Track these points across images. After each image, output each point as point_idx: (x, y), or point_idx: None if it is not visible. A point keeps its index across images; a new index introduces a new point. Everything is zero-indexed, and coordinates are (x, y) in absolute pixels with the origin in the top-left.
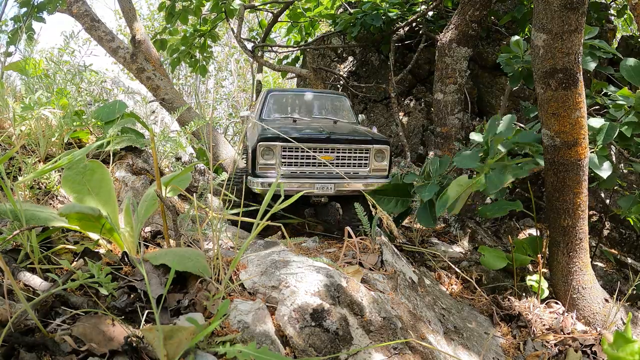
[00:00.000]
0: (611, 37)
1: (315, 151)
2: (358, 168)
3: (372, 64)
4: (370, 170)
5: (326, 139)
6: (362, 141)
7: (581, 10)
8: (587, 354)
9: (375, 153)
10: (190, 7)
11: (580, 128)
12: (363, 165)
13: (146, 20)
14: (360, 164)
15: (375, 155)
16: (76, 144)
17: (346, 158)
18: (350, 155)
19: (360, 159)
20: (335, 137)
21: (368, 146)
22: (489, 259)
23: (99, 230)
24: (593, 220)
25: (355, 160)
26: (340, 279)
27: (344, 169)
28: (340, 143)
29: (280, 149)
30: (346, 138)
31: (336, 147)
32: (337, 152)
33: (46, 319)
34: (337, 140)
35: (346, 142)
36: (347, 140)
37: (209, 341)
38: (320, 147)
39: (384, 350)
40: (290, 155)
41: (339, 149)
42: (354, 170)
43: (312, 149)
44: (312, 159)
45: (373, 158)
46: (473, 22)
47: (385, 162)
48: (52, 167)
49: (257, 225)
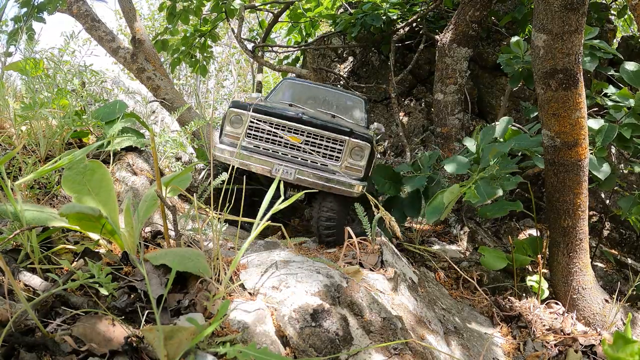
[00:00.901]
0: (611, 38)
1: (284, 129)
2: (328, 160)
3: (372, 64)
4: (342, 166)
5: (297, 119)
6: (337, 130)
7: (581, 11)
8: (587, 354)
9: (351, 148)
10: (191, 7)
11: (580, 128)
12: (334, 159)
13: (147, 20)
14: (332, 156)
15: (351, 151)
16: (76, 144)
17: (316, 145)
18: (322, 143)
19: (332, 151)
20: (307, 118)
21: (343, 137)
22: (489, 259)
23: (99, 231)
24: (593, 220)
25: (327, 151)
26: (341, 279)
27: (311, 157)
28: (312, 126)
29: (249, 118)
30: (319, 122)
31: (306, 130)
32: (306, 136)
33: (46, 319)
34: (309, 122)
35: (318, 126)
36: (319, 125)
37: (209, 341)
38: (290, 127)
39: (384, 350)
40: (258, 128)
41: (310, 133)
42: (322, 161)
43: (280, 127)
44: (281, 139)
45: (348, 153)
46: (473, 22)
47: (362, 162)
48: (52, 167)
49: (257, 225)
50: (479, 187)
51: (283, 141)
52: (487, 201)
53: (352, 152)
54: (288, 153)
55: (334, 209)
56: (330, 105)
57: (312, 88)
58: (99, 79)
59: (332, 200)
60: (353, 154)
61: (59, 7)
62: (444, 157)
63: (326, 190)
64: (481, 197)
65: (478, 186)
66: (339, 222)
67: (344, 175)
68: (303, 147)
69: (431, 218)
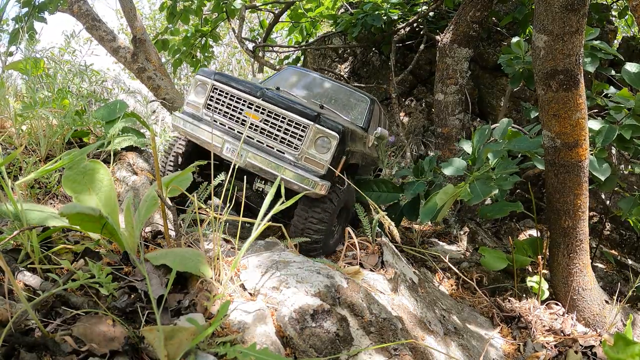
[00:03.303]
0: (612, 38)
1: (245, 104)
2: (286, 147)
3: (372, 64)
4: (301, 157)
5: (258, 94)
6: (299, 112)
7: (582, 12)
8: (587, 355)
9: (315, 137)
10: (192, 7)
11: (580, 129)
12: (293, 147)
13: (148, 19)
14: (290, 143)
15: (315, 140)
16: (77, 143)
17: (275, 127)
18: (281, 126)
19: (291, 136)
20: (269, 96)
21: (305, 122)
22: (490, 259)
23: (99, 230)
24: (593, 221)
25: (286, 135)
26: (341, 279)
27: (267, 141)
28: (271, 103)
29: (211, 87)
30: (281, 101)
31: (267, 108)
32: (266, 115)
33: (46, 319)
34: (270, 99)
35: (280, 105)
36: (281, 104)
37: (209, 342)
38: (252, 103)
39: (384, 351)
40: (219, 100)
41: (270, 112)
42: (279, 147)
43: (242, 101)
44: (240, 115)
45: (311, 142)
46: (474, 23)
47: (327, 156)
48: (52, 167)
49: (257, 226)
50: (473, 186)
51: (242, 118)
52: (482, 199)
53: (316, 142)
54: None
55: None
56: (327, 97)
57: (311, 78)
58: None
59: (305, 203)
60: (316, 145)
61: (59, 7)
62: (445, 157)
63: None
64: (476, 196)
65: (473, 185)
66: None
67: (302, 168)
68: (261, 127)
69: (425, 218)
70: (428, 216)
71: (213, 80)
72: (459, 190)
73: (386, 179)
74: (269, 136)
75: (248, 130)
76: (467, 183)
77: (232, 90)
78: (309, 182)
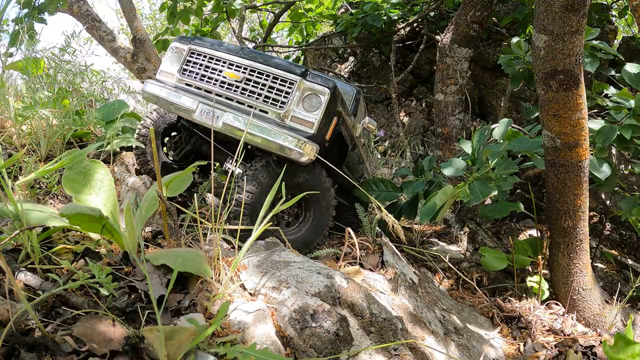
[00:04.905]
0: (612, 38)
1: (225, 65)
2: (270, 106)
3: (373, 64)
4: (288, 115)
5: (238, 52)
6: (285, 67)
7: (582, 12)
8: (587, 355)
9: (304, 94)
10: (192, 8)
11: (581, 129)
12: (278, 105)
13: (148, 19)
14: (275, 100)
15: (303, 98)
16: (77, 143)
17: (258, 86)
18: (265, 84)
19: (276, 93)
20: (249, 53)
21: (293, 77)
22: (490, 260)
23: (99, 231)
24: (594, 221)
25: (270, 93)
26: (341, 279)
27: (249, 101)
28: (254, 60)
29: (188, 52)
30: (263, 57)
31: (249, 66)
32: (248, 73)
33: (47, 319)
34: (251, 56)
35: (262, 62)
36: (263, 60)
37: (209, 342)
38: (232, 62)
39: (384, 351)
40: (195, 64)
41: (253, 70)
42: (262, 107)
43: (221, 61)
44: (219, 76)
45: (299, 100)
46: (474, 23)
47: (316, 114)
48: (53, 167)
49: (257, 226)
50: (473, 187)
51: (220, 80)
52: (481, 200)
53: (304, 100)
54: (223, 94)
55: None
56: None
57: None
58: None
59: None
60: (304, 102)
61: (59, 7)
62: (445, 157)
63: (260, 146)
64: (475, 196)
65: (472, 186)
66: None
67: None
68: (243, 86)
69: (424, 218)
70: (427, 216)
71: (191, 45)
72: (459, 190)
73: (385, 179)
74: (250, 96)
75: (227, 91)
76: (467, 184)
77: (211, 52)
78: (295, 142)
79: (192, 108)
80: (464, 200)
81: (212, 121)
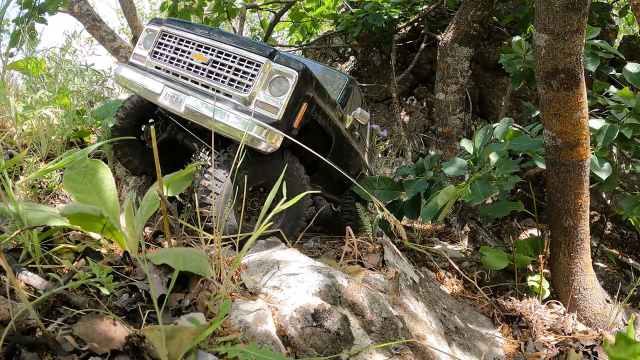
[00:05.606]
0: (613, 38)
1: (193, 47)
2: (234, 90)
3: (373, 63)
4: (252, 99)
5: (207, 34)
6: (251, 49)
7: (583, 11)
8: (588, 354)
9: (271, 77)
10: (193, 7)
11: (581, 129)
12: (243, 88)
13: (149, 19)
14: (240, 83)
15: (269, 82)
16: (78, 143)
17: (224, 68)
18: (231, 66)
19: (242, 76)
20: (218, 34)
21: (259, 58)
22: (490, 259)
23: (100, 230)
24: (594, 220)
25: (235, 76)
26: (342, 279)
27: (214, 84)
28: (220, 42)
29: (160, 34)
30: (230, 38)
31: (216, 47)
32: (216, 55)
33: (47, 318)
34: (219, 37)
35: (228, 42)
36: (229, 40)
37: (210, 341)
38: (200, 44)
39: (385, 350)
40: (167, 46)
41: (220, 52)
42: (226, 90)
43: (190, 43)
44: (187, 59)
45: (264, 82)
46: (475, 22)
47: (282, 99)
48: (53, 166)
49: (258, 227)
50: (474, 186)
51: (188, 62)
52: (483, 200)
53: (271, 83)
54: (189, 77)
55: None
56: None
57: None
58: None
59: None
60: (272, 86)
61: (60, 7)
62: (446, 157)
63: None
64: (477, 196)
65: (474, 186)
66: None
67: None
68: (209, 69)
69: (426, 218)
70: (429, 216)
71: (163, 26)
72: (460, 190)
73: (386, 177)
74: (217, 79)
75: (193, 74)
76: (468, 183)
77: (180, 33)
78: (256, 128)
79: (157, 92)
80: (466, 200)
81: (175, 105)
